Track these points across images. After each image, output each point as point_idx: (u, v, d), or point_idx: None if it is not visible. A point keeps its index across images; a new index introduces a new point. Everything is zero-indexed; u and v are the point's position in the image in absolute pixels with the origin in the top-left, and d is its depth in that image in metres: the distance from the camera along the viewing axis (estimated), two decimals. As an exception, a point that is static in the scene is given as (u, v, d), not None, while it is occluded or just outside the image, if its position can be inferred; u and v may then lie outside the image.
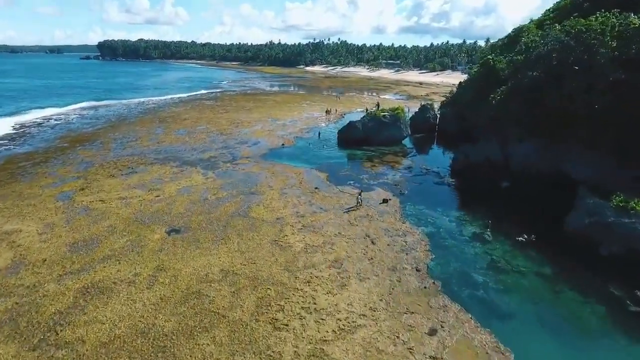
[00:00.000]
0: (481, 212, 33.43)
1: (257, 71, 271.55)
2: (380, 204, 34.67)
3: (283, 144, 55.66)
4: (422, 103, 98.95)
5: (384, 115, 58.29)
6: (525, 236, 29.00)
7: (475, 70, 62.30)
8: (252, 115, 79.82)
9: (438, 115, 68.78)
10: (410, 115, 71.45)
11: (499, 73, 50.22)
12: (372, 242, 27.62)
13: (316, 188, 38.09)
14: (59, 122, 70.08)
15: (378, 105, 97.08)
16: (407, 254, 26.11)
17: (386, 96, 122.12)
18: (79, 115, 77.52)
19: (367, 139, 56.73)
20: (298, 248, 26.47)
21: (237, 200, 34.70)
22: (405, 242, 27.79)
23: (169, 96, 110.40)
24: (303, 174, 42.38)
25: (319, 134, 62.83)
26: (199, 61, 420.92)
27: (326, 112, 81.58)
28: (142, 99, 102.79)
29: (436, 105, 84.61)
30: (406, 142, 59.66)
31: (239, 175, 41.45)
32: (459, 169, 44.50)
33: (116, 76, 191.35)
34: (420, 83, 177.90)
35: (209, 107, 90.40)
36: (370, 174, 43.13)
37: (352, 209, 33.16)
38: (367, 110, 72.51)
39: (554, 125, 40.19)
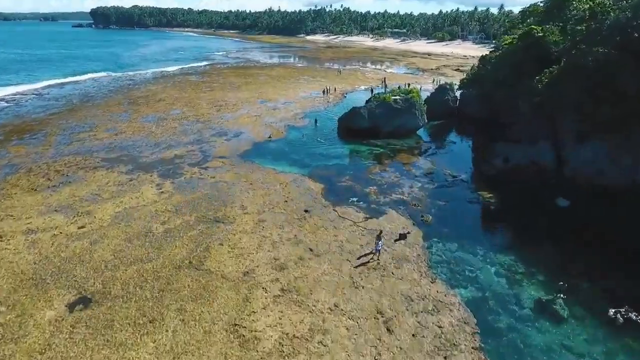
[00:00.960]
0: (540, 257, 23.00)
1: (255, 40, 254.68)
2: (395, 241, 24.19)
3: (270, 137, 44.63)
4: (434, 78, 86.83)
5: (395, 99, 46.83)
6: (620, 312, 18.69)
7: (509, 41, 50.19)
8: (240, 94, 68.17)
9: (457, 97, 57.14)
10: (423, 95, 59.91)
11: (548, 47, 38.46)
12: (387, 328, 17.31)
13: (306, 211, 27.53)
14: (9, 104, 58.76)
15: (384, 81, 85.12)
16: (445, 359, 15.85)
17: (393, 70, 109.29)
18: (38, 94, 66.00)
19: (374, 130, 45.58)
20: (268, 345, 16.22)
21: (194, 234, 24.27)
22: (440, 326, 17.49)
23: (151, 70, 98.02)
24: (291, 185, 31.73)
25: (316, 121, 51.60)
26: (195, 29, 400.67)
27: (323, 92, 69.47)
28: (119, 74, 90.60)
29: (449, 81, 72.68)
30: (421, 132, 48.45)
31: (204, 188, 30.83)
32: (494, 176, 33.69)
33: (101, 46, 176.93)
34: (429, 54, 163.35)
35: (193, 83, 78.50)
36: (380, 185, 32.38)
37: (362, 257, 22.63)
38: (372, 91, 60.49)
39: (632, 119, 29.33)
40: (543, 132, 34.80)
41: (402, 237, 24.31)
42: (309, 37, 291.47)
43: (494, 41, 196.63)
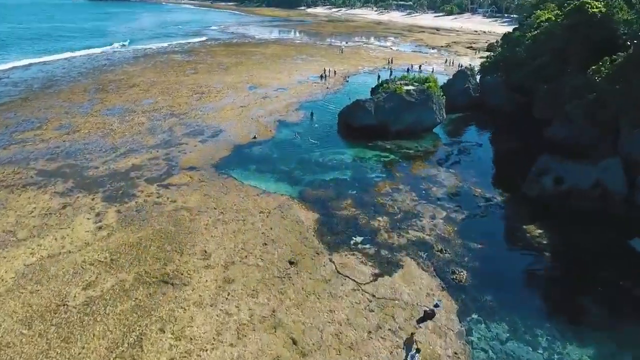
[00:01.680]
0: (634, 346, 15.34)
1: (254, 13, 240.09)
2: (420, 322, 16.46)
3: (255, 137, 36.29)
4: (447, 58, 76.66)
5: (409, 90, 38.17)
6: None
7: (547, 18, 40.98)
8: (228, 78, 59.22)
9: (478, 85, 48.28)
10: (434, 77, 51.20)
11: (611, 28, 29.62)
12: None
13: (292, 262, 19.71)
14: (-42, 91, 50.13)
15: (391, 62, 75.67)
16: None
17: (399, 48, 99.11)
18: (-5, 78, 57.19)
19: (382, 128, 37.25)
20: None
21: (126, 309, 16.53)
22: None
23: (133, 47, 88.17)
24: (274, 215, 23.81)
25: (312, 114, 43.06)
26: (192, 1, 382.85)
27: (321, 76, 60.10)
28: (97, 51, 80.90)
29: (463, 62, 63.43)
30: (439, 130, 40.00)
31: (159, 220, 22.93)
32: (538, 198, 25.64)
33: (87, 20, 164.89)
34: (437, 29, 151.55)
35: (176, 64, 69.25)
36: (392, 214, 24.40)
37: None
38: (379, 78, 51.39)
39: None
40: (605, 144, 26.54)
41: (429, 315, 16.54)
42: (309, 10, 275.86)
43: (506, 15, 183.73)
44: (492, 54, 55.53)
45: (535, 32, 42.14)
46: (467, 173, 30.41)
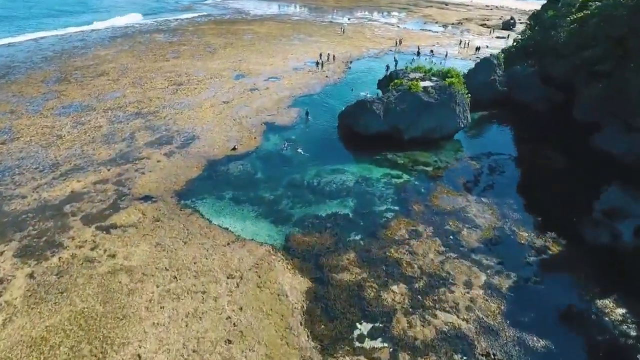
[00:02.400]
0: None
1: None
2: None
3: (235, 148, 28.93)
4: (462, 40, 67.01)
5: (427, 88, 30.49)
6: None
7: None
8: (213, 64, 51.15)
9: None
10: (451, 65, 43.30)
11: None
12: None
13: (266, 384, 12.92)
14: None
15: (399, 43, 66.94)
16: None
17: (407, 25, 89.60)
18: (-55, 64, 49.24)
19: (393, 135, 29.92)
20: None
21: None
22: None
23: (113, 24, 79.01)
24: (247, 284, 16.87)
25: (307, 113, 35.49)
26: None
27: (317, 63, 51.25)
28: (72, 30, 72.02)
29: (479, 43, 54.98)
30: (461, 136, 32.49)
31: (82, 296, 16.03)
32: (611, 249, 18.61)
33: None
34: (446, 3, 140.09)
35: (157, 46, 60.81)
36: (410, 280, 17.42)
37: None
38: (387, 68, 43.00)
39: None
40: None
41: None
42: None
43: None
44: (518, 36, 47.10)
45: (581, 13, 33.89)
46: (505, 204, 23.20)
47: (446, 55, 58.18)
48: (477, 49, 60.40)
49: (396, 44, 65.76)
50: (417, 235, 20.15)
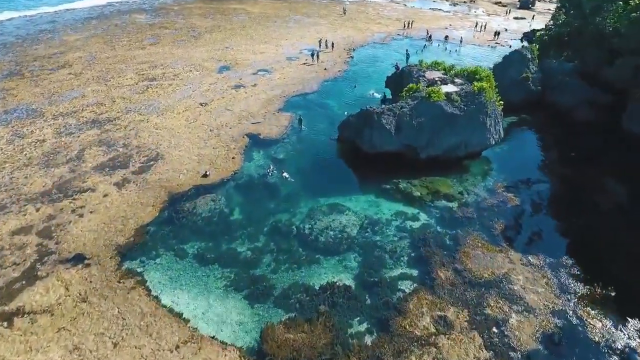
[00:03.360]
0: None
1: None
2: None
3: (207, 174, 22.45)
4: (478, 22, 57.58)
5: (451, 96, 23.74)
6: None
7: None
8: (196, 52, 44.01)
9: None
10: (470, 53, 36.23)
11: None
12: None
13: None
14: None
15: (409, 25, 59.05)
16: None
17: (414, 4, 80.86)
18: None
19: (407, 154, 23.47)
20: None
21: None
22: None
23: (93, 3, 70.62)
24: None
25: (300, 120, 28.81)
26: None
27: (312, 54, 42.06)
28: (45, 10, 63.97)
29: (496, 25, 47.76)
30: (489, 153, 25.86)
31: None
32: None
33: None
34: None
35: (135, 29, 53.29)
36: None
37: None
38: (398, 68, 35.11)
39: None
40: None
41: None
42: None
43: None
44: (549, 22, 39.62)
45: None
46: (562, 267, 17.01)
47: (461, 41, 50.67)
48: (497, 34, 52.73)
49: (404, 26, 58.02)
50: (447, 328, 14.08)
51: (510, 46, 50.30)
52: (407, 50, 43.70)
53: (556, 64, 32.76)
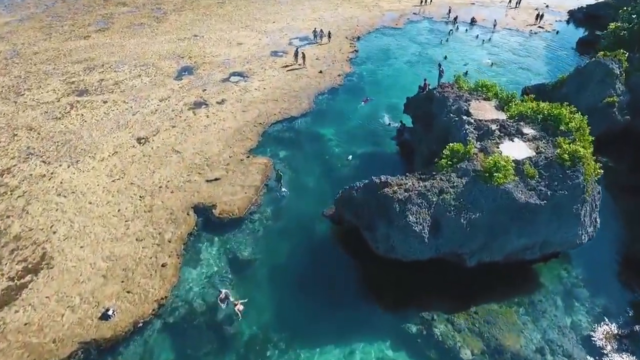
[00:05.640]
0: None
1: None
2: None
3: (109, 313, 12.91)
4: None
5: (523, 165, 13.64)
6: None
7: None
8: (153, 42, 33.12)
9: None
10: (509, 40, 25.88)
11: None
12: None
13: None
14: None
15: (426, 0, 46.79)
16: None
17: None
18: None
19: (448, 258, 13.79)
20: None
21: None
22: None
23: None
24: None
25: (280, 177, 18.64)
26: None
27: (295, 55, 29.60)
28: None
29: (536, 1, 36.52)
30: (577, 255, 16.00)
31: None
32: None
33: None
34: None
35: (85, 7, 41.61)
36: None
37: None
38: (425, 86, 22.08)
39: None
40: None
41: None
42: None
43: None
44: (628, 9, 28.17)
45: None
46: None
47: (495, 25, 39.01)
48: (539, 16, 40.75)
49: (421, 1, 45.94)
50: None
51: (557, 32, 38.88)
52: (440, 65, 26.21)
53: (648, 79, 22.07)
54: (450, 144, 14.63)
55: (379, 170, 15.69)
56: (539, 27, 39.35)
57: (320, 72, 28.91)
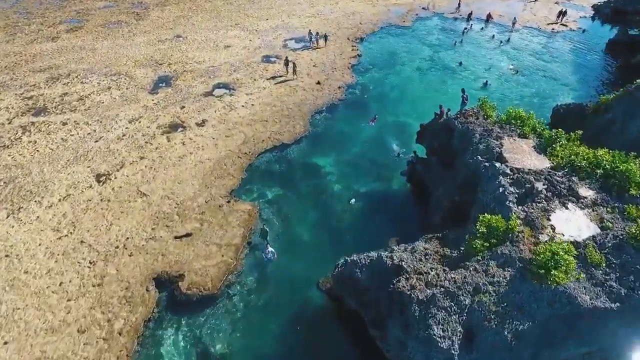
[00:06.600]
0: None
1: None
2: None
3: None
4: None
5: (585, 248, 9.90)
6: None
7: None
8: (130, 46, 29.01)
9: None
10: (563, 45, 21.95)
11: None
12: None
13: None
14: None
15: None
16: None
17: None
18: None
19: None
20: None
21: None
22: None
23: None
24: None
25: (264, 231, 14.85)
26: None
27: (286, 63, 25.06)
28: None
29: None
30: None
31: None
32: None
33: None
34: None
35: (57, 6, 37.34)
36: None
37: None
38: (441, 113, 16.48)
39: None
40: None
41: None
42: None
43: None
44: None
45: None
46: None
47: (514, 23, 34.58)
48: (562, 13, 36.19)
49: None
50: None
51: (583, 30, 34.48)
52: (463, 91, 20.11)
53: None
54: (487, 216, 10.84)
55: (387, 221, 12.14)
56: (562, 24, 34.90)
57: (318, 82, 24.86)
